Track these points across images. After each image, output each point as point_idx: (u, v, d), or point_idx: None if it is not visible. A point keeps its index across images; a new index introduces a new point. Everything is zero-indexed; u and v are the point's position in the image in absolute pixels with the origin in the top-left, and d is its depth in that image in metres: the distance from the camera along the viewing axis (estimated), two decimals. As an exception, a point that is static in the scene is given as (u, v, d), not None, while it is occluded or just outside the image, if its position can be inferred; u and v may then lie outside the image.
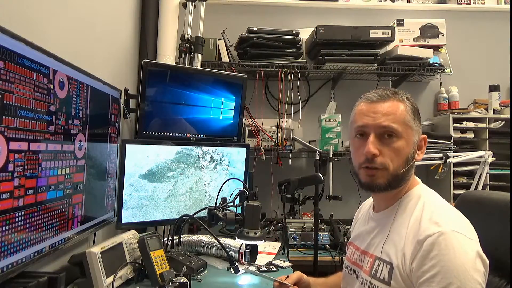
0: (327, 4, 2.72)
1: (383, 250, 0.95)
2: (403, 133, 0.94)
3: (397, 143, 0.93)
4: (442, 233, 0.83)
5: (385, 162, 0.94)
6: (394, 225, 0.96)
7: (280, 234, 2.14)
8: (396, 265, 0.89)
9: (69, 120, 1.18)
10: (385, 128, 0.94)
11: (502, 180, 2.42)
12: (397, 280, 0.88)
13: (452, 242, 0.82)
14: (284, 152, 2.37)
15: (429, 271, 0.82)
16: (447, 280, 0.79)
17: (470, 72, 2.73)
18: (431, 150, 2.32)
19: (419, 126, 0.97)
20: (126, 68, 1.96)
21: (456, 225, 0.86)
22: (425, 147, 1.00)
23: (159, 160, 1.71)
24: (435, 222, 0.86)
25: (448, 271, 0.80)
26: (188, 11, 2.13)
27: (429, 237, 0.84)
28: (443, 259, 0.81)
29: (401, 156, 0.94)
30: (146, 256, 1.31)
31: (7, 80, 0.88)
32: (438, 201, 0.97)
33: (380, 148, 0.94)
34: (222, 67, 2.35)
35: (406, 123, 0.95)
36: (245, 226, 1.27)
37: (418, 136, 0.98)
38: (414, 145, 0.96)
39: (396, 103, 0.96)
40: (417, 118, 0.98)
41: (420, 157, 0.99)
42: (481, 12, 2.78)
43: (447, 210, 0.93)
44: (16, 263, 0.93)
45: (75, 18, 1.39)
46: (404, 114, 0.95)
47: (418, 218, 0.90)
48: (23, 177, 0.94)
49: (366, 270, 0.99)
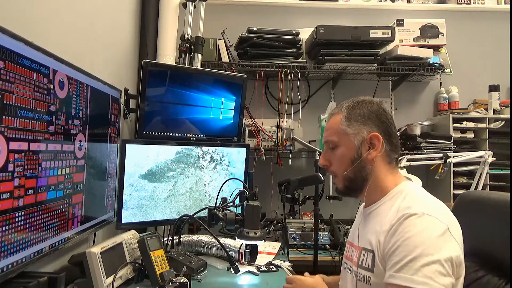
0: (327, 4, 2.72)
1: (367, 240, 1.00)
2: (340, 141, 1.05)
3: (338, 151, 1.06)
4: (411, 214, 0.89)
5: (333, 170, 1.08)
6: (377, 217, 1.01)
7: (280, 234, 2.14)
8: (376, 251, 0.95)
9: (69, 120, 1.18)
10: (326, 142, 1.09)
11: (502, 180, 2.43)
12: (377, 266, 0.94)
13: (419, 221, 0.87)
14: (284, 152, 2.37)
15: (393, 246, 0.88)
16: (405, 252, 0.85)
17: (470, 72, 2.73)
18: (431, 150, 2.32)
19: (361, 127, 1.03)
20: (126, 68, 1.96)
21: (428, 209, 0.90)
22: (380, 143, 1.02)
23: (159, 160, 1.71)
24: (408, 207, 0.92)
25: (407, 245, 0.85)
26: (188, 11, 2.13)
27: (399, 219, 0.90)
28: (405, 235, 0.87)
29: (344, 160, 1.04)
30: (146, 256, 1.31)
31: (7, 80, 0.87)
32: (421, 194, 1.01)
33: (330, 159, 1.08)
34: (222, 67, 2.35)
35: (341, 132, 1.05)
36: (245, 226, 1.27)
37: (362, 136, 1.03)
38: (357, 147, 1.03)
39: (334, 117, 1.08)
40: (356, 121, 1.04)
41: (374, 155, 1.02)
42: (481, 12, 2.79)
43: (425, 199, 0.98)
44: (16, 263, 0.93)
45: (75, 18, 1.39)
46: (338, 124, 1.06)
47: (397, 208, 0.95)
48: (23, 177, 0.94)
49: (355, 261, 1.04)
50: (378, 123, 1.04)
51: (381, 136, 1.02)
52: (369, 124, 1.03)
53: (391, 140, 1.05)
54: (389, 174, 1.05)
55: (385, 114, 1.06)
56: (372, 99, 1.10)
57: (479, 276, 1.10)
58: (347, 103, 1.09)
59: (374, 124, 1.03)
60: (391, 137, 1.05)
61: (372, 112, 1.05)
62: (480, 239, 1.14)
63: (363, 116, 1.04)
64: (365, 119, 1.04)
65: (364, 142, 1.03)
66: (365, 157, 1.02)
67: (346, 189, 1.07)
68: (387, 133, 1.04)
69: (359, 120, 1.04)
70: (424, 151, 2.32)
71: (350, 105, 1.07)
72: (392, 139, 1.05)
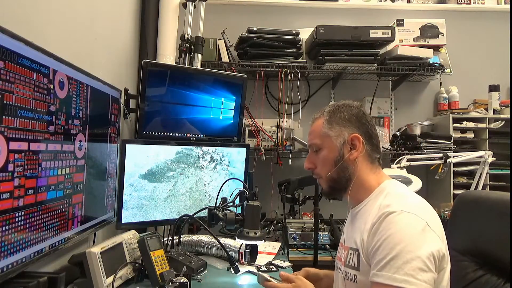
0: (327, 4, 2.72)
1: (352, 239, 1.04)
2: (323, 143, 1.10)
3: (321, 154, 1.10)
4: (390, 212, 0.92)
5: (318, 171, 1.12)
6: (362, 217, 1.04)
7: (280, 234, 2.14)
8: (360, 249, 0.98)
9: (69, 120, 1.18)
10: (310, 146, 1.14)
11: (502, 180, 2.43)
12: (363, 264, 0.97)
13: (398, 219, 0.90)
14: (284, 152, 2.37)
15: (375, 245, 0.91)
16: (386, 251, 0.88)
17: (470, 72, 2.73)
18: (431, 150, 2.32)
19: (342, 129, 1.08)
20: (126, 68, 1.96)
21: (407, 206, 0.94)
22: (361, 144, 1.06)
23: (159, 160, 1.71)
24: (387, 205, 0.95)
25: (388, 243, 0.88)
26: (188, 11, 2.13)
27: (380, 217, 0.93)
28: (386, 233, 0.90)
29: (328, 162, 1.09)
30: (146, 256, 1.31)
31: (7, 80, 0.87)
32: (401, 191, 1.05)
33: (314, 161, 1.12)
34: (222, 67, 2.35)
35: (323, 135, 1.10)
36: (245, 226, 1.27)
37: (343, 138, 1.08)
38: (339, 148, 1.07)
39: (317, 121, 1.14)
40: (337, 124, 1.09)
41: (355, 155, 1.06)
42: (481, 12, 2.79)
43: (404, 196, 1.01)
44: (16, 263, 0.92)
45: (75, 18, 1.39)
46: (320, 128, 1.11)
47: (378, 206, 0.99)
48: (23, 177, 0.94)
49: (343, 261, 1.08)
50: (359, 125, 1.08)
51: (362, 137, 1.07)
52: (349, 126, 1.08)
53: (371, 140, 1.09)
54: (372, 173, 1.09)
55: (365, 116, 1.11)
56: (353, 102, 1.15)
57: (478, 275, 1.12)
58: (328, 108, 1.14)
59: (354, 126, 1.08)
60: (371, 138, 1.09)
61: (352, 115, 1.10)
62: (479, 239, 1.15)
63: (343, 119, 1.09)
64: (345, 121, 1.09)
65: (346, 143, 1.07)
66: (347, 157, 1.07)
67: (330, 190, 1.12)
68: (367, 134, 1.08)
69: (340, 122, 1.09)
70: (424, 151, 2.32)
71: (331, 109, 1.13)
72: (372, 139, 1.10)
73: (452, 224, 1.26)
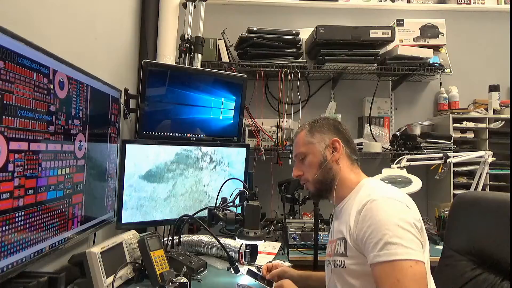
0: (327, 4, 2.72)
1: (339, 231, 1.13)
2: (308, 151, 1.22)
3: (307, 160, 1.22)
4: (373, 199, 1.02)
5: (306, 177, 1.23)
6: (346, 211, 1.13)
7: (280, 234, 2.14)
8: (347, 237, 1.06)
9: (69, 120, 1.18)
10: (296, 156, 1.26)
11: (502, 180, 2.42)
12: (351, 249, 1.05)
13: (381, 204, 1.00)
14: (284, 152, 2.37)
15: (367, 231, 0.99)
16: (381, 233, 0.95)
17: (470, 72, 2.73)
18: (431, 150, 2.32)
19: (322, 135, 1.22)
20: (126, 68, 1.96)
21: (386, 193, 1.05)
22: (341, 146, 1.20)
23: (158, 161, 1.71)
24: (368, 195, 1.06)
25: (379, 226, 0.96)
26: (188, 11, 2.13)
27: (364, 205, 1.02)
28: (375, 218, 0.98)
29: (313, 166, 1.20)
30: (146, 256, 1.31)
31: (7, 80, 0.88)
32: (377, 185, 1.15)
33: (301, 169, 1.24)
34: (222, 67, 2.35)
35: (307, 142, 1.23)
36: (245, 226, 1.27)
37: (325, 143, 1.21)
38: (322, 152, 1.20)
39: (299, 134, 1.27)
40: (318, 132, 1.23)
41: (337, 156, 1.19)
42: (481, 12, 2.78)
43: (381, 186, 1.13)
44: (16, 263, 0.93)
45: (75, 18, 1.39)
46: (304, 138, 1.24)
47: (360, 198, 1.09)
48: (23, 177, 0.94)
49: (331, 253, 1.17)
50: (336, 131, 1.23)
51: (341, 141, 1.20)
52: (329, 133, 1.22)
53: (349, 144, 1.23)
54: (352, 172, 1.20)
55: (340, 125, 1.26)
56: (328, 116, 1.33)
57: (476, 274, 1.15)
58: (308, 122, 1.29)
59: (333, 133, 1.22)
60: (348, 142, 1.24)
61: (330, 124, 1.25)
62: (477, 238, 1.18)
63: (323, 127, 1.24)
64: (325, 129, 1.23)
65: (328, 147, 1.20)
66: (330, 159, 1.19)
67: (317, 191, 1.22)
68: (344, 139, 1.22)
69: (320, 131, 1.23)
70: (424, 151, 2.32)
71: (310, 122, 1.28)
72: (350, 143, 1.24)
73: (450, 225, 1.27)
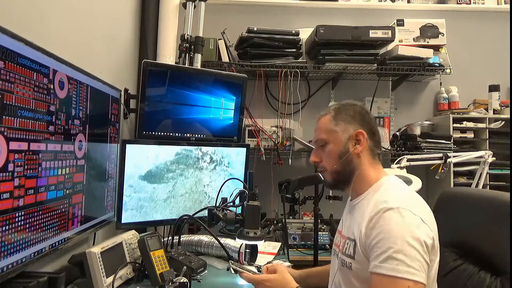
0: (327, 4, 2.72)
1: (350, 230, 1.11)
2: (329, 138, 1.15)
3: (327, 148, 1.16)
4: (388, 208, 0.98)
5: (323, 165, 1.18)
6: (360, 210, 1.10)
7: (280, 234, 2.14)
8: (357, 240, 1.04)
9: (69, 120, 1.18)
10: (316, 141, 1.20)
11: (502, 180, 2.43)
12: (359, 253, 1.04)
13: (395, 215, 0.96)
14: (284, 152, 2.37)
15: (375, 238, 0.97)
16: (387, 245, 0.93)
17: (470, 72, 2.73)
18: (431, 150, 2.32)
19: (346, 124, 1.14)
20: (126, 68, 1.96)
21: (403, 203, 0.99)
22: (365, 139, 1.13)
23: (158, 161, 1.71)
24: (385, 201, 1.01)
25: (388, 238, 0.94)
26: (188, 11, 2.13)
27: (378, 213, 0.99)
28: (386, 228, 0.96)
29: (333, 155, 1.14)
30: (146, 256, 1.31)
31: (7, 80, 0.87)
32: (397, 187, 1.11)
33: (320, 156, 1.18)
34: (222, 67, 2.35)
35: (330, 130, 1.16)
36: (245, 226, 1.27)
37: (349, 133, 1.14)
38: (344, 143, 1.13)
39: (323, 118, 1.19)
40: (343, 120, 1.15)
41: (359, 149, 1.13)
42: (481, 12, 2.78)
43: (400, 192, 1.08)
44: (16, 263, 0.93)
45: (75, 18, 1.39)
46: (327, 124, 1.17)
47: (375, 201, 1.05)
48: (23, 177, 0.94)
49: (340, 248, 1.15)
50: (362, 122, 1.15)
51: (365, 133, 1.13)
52: (354, 123, 1.14)
53: (374, 137, 1.16)
54: (372, 168, 1.15)
55: (368, 114, 1.18)
56: (356, 102, 1.22)
57: (458, 264, 1.25)
58: (333, 106, 1.21)
59: (358, 123, 1.14)
60: (374, 135, 1.16)
61: (356, 112, 1.16)
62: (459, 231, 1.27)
63: (349, 116, 1.16)
64: (350, 118, 1.15)
65: (351, 138, 1.13)
66: (352, 151, 1.13)
67: (334, 182, 1.18)
68: (370, 130, 1.15)
69: (345, 119, 1.15)
70: (424, 151, 2.32)
71: (337, 107, 1.19)
72: (374, 136, 1.16)
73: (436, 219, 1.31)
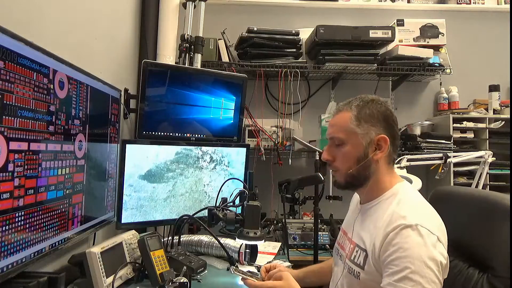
0: (327, 4, 2.72)
1: (361, 238, 1.06)
2: (347, 139, 1.07)
3: (344, 149, 1.07)
4: (406, 225, 0.93)
5: (336, 165, 1.11)
6: (372, 217, 1.06)
7: (280, 234, 2.14)
8: (369, 252, 1.00)
9: (69, 120, 1.18)
10: (332, 138, 1.11)
11: (502, 180, 2.43)
12: (369, 265, 1.00)
13: (413, 233, 0.92)
14: (284, 152, 2.37)
15: (391, 255, 0.93)
16: (404, 264, 0.90)
17: (470, 72, 2.73)
18: (431, 150, 2.32)
19: (370, 128, 1.06)
20: (126, 68, 1.96)
21: (421, 219, 0.95)
22: (387, 145, 1.06)
23: (158, 161, 1.71)
24: (403, 216, 0.96)
25: (406, 257, 0.90)
26: (188, 11, 2.13)
27: (395, 228, 0.94)
28: (403, 246, 0.91)
29: (350, 158, 1.07)
30: (146, 256, 1.31)
31: (7, 80, 0.87)
32: (413, 198, 1.06)
33: (334, 154, 1.11)
34: (222, 67, 2.35)
35: (350, 130, 1.06)
36: (245, 226, 1.26)
37: (370, 137, 1.05)
38: (364, 147, 1.06)
39: (343, 114, 1.09)
40: (365, 121, 1.06)
41: (379, 156, 1.06)
42: (481, 12, 2.78)
43: (417, 206, 1.03)
44: (16, 263, 0.93)
45: (75, 18, 1.39)
46: (347, 122, 1.07)
47: (391, 213, 1.00)
48: (23, 177, 0.94)
49: (348, 254, 1.11)
50: (386, 125, 1.07)
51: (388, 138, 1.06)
52: (377, 126, 1.06)
53: (395, 142, 1.09)
54: (387, 174, 1.10)
55: (392, 116, 1.09)
56: (380, 99, 1.12)
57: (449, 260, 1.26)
58: (356, 102, 1.10)
59: (382, 126, 1.06)
60: (395, 139, 1.09)
61: (380, 113, 1.07)
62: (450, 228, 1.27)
63: (372, 117, 1.06)
64: (374, 120, 1.06)
65: (372, 143, 1.06)
66: (371, 157, 1.05)
67: (347, 184, 1.11)
68: (392, 135, 1.07)
69: (368, 120, 1.06)
70: (424, 151, 2.32)
71: (359, 104, 1.09)
72: (396, 141, 1.09)
73: None
